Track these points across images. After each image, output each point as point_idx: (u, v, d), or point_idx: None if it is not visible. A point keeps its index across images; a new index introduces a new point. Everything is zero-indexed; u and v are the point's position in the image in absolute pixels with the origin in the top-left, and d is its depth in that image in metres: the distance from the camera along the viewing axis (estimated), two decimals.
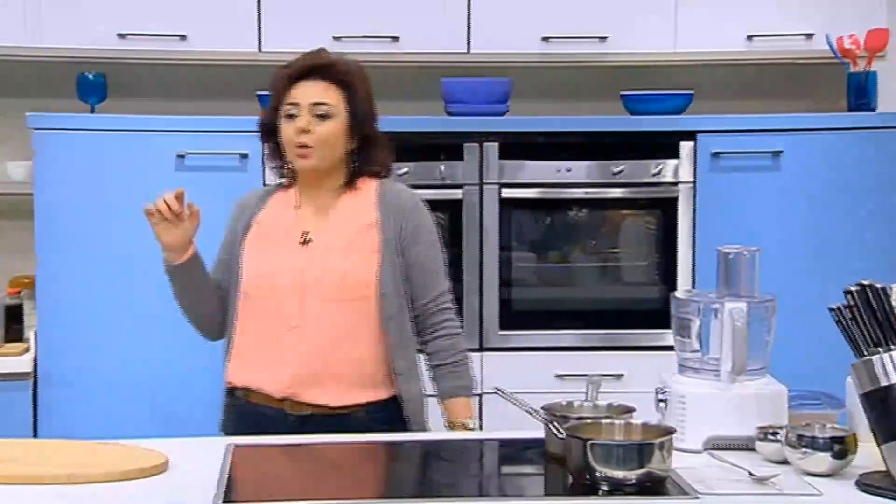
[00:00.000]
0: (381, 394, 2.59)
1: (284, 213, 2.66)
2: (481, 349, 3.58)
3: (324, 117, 2.58)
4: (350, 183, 2.65)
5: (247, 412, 2.58)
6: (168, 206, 2.56)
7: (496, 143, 3.57)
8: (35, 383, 3.40)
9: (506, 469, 2.42)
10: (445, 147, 3.56)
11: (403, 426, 2.59)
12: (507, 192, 3.58)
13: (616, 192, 3.63)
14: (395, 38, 3.64)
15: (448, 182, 3.55)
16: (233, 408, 2.62)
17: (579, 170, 3.61)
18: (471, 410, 2.66)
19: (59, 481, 2.01)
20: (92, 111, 3.59)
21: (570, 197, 3.63)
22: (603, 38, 3.69)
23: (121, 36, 3.52)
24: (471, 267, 3.57)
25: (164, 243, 2.60)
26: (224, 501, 1.92)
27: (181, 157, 3.41)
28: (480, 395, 3.55)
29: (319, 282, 2.56)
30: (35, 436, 3.30)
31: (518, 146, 3.58)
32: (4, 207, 3.75)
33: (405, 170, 3.51)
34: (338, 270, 2.57)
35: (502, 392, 2.35)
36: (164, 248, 2.61)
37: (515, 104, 3.69)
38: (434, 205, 3.51)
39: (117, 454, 2.15)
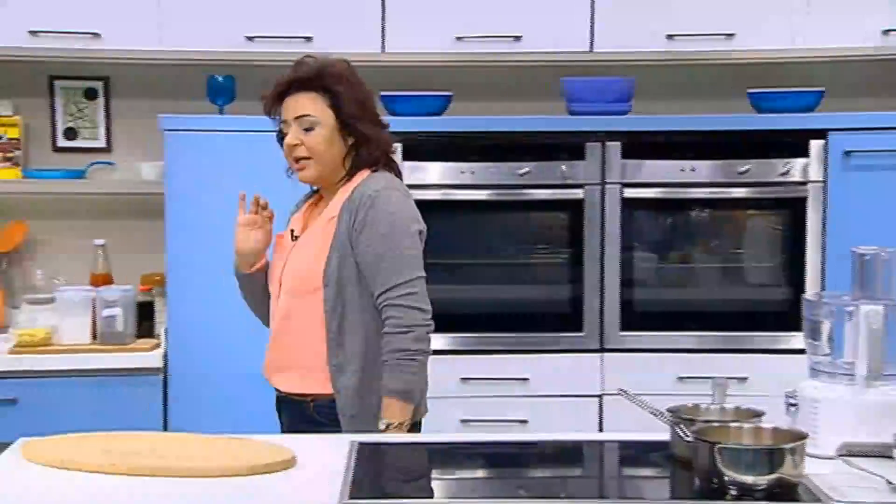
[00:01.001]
0: (324, 387, 2.60)
1: (301, 213, 2.77)
2: (601, 350, 3.55)
3: (309, 129, 2.63)
4: (348, 176, 2.67)
5: None
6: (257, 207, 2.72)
7: (618, 143, 3.53)
8: (165, 378, 3.48)
9: (627, 471, 2.38)
10: (567, 147, 3.53)
11: (336, 425, 2.57)
12: (629, 192, 3.54)
13: (741, 192, 3.56)
14: (518, 38, 3.63)
15: (569, 182, 3.53)
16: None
17: (703, 169, 3.55)
18: (393, 412, 2.53)
19: (187, 474, 2.05)
20: (220, 112, 3.66)
21: (693, 197, 3.57)
22: (730, 35, 3.62)
23: (249, 38, 3.58)
24: (591, 267, 3.54)
25: (238, 249, 2.73)
26: (350, 498, 1.93)
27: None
28: (601, 396, 3.54)
29: (287, 275, 2.67)
30: (165, 429, 3.37)
31: (641, 145, 3.54)
32: (137, 207, 3.86)
33: (526, 169, 3.50)
34: (296, 265, 2.66)
35: (627, 393, 2.32)
36: (238, 254, 2.74)
37: (638, 103, 3.65)
38: (555, 205, 3.56)
39: (245, 449, 2.18)
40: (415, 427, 2.60)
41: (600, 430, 3.48)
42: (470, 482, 2.26)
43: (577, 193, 3.53)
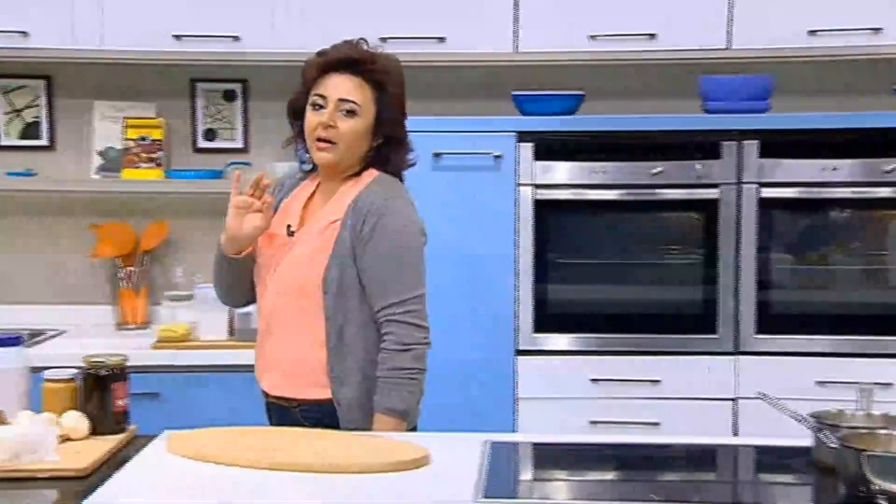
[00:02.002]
0: (316, 393, 2.51)
1: (296, 203, 2.63)
2: (736, 353, 3.47)
3: (350, 113, 2.52)
4: (357, 174, 2.58)
5: None
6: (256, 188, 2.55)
7: (756, 142, 3.45)
8: None
9: (764, 477, 2.32)
10: (702, 146, 3.47)
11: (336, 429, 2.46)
12: (767, 192, 3.46)
13: (885, 192, 3.44)
14: (653, 36, 3.58)
15: (704, 181, 3.46)
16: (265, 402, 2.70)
17: (845, 168, 3.44)
18: (385, 430, 2.43)
19: (325, 470, 2.07)
20: None
21: (833, 197, 3.47)
22: (876, 30, 3.50)
23: (382, 39, 3.61)
24: (726, 268, 3.47)
25: (230, 232, 2.55)
26: (485, 497, 1.94)
27: (437, 156, 3.47)
28: (735, 400, 3.46)
29: (280, 275, 2.55)
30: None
31: (779, 144, 3.45)
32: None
33: (659, 169, 3.45)
34: (291, 266, 2.54)
35: (767, 397, 2.26)
36: (227, 235, 2.56)
37: (777, 100, 3.56)
38: (689, 205, 3.50)
39: (380, 446, 2.20)
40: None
41: (735, 434, 3.41)
42: (600, 484, 2.24)
43: (712, 193, 3.47)
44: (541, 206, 3.48)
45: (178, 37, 3.63)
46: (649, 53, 3.61)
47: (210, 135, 4.05)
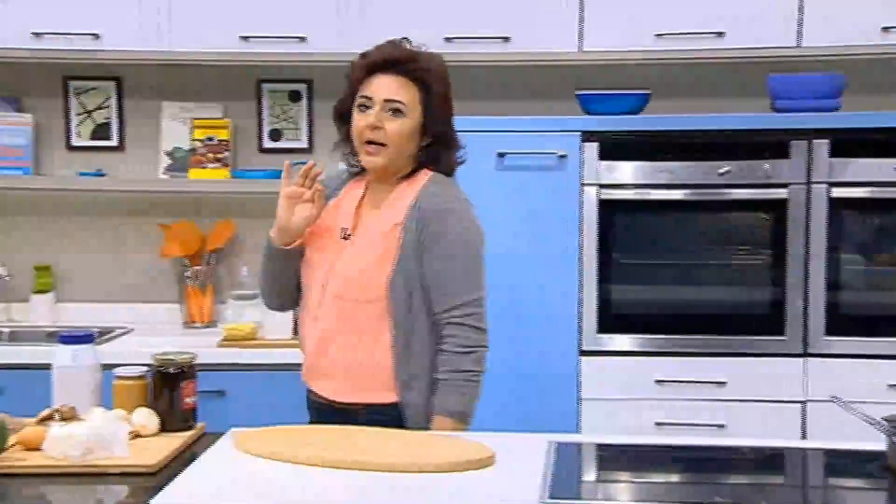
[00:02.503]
0: (383, 397, 2.49)
1: (347, 204, 2.60)
2: (805, 355, 3.42)
3: (396, 113, 2.50)
4: (409, 176, 2.56)
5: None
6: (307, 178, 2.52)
7: (826, 141, 3.39)
8: None
9: (834, 481, 2.29)
10: (771, 145, 3.42)
11: None
12: (837, 192, 3.40)
13: None
14: (721, 34, 3.54)
15: (773, 181, 3.42)
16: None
17: None
18: (441, 431, 2.43)
19: (390, 469, 2.07)
20: None
21: None
22: None
23: (447, 39, 3.63)
24: (795, 269, 3.42)
25: (281, 222, 2.54)
26: (550, 497, 1.93)
27: (501, 156, 3.47)
28: (804, 403, 3.41)
29: (338, 279, 2.51)
30: None
31: (850, 143, 3.39)
32: None
33: (726, 169, 3.41)
34: (353, 269, 2.51)
35: (840, 400, 2.22)
36: (278, 225, 2.55)
37: (848, 99, 3.50)
38: (756, 205, 3.45)
39: (445, 446, 2.20)
40: None
41: (803, 437, 3.36)
42: (665, 486, 2.22)
43: (781, 193, 3.42)
44: (605, 206, 3.46)
45: (244, 38, 3.67)
46: (717, 52, 3.57)
47: (275, 135, 4.08)
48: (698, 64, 3.72)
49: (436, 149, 2.56)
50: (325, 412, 2.56)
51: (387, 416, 2.48)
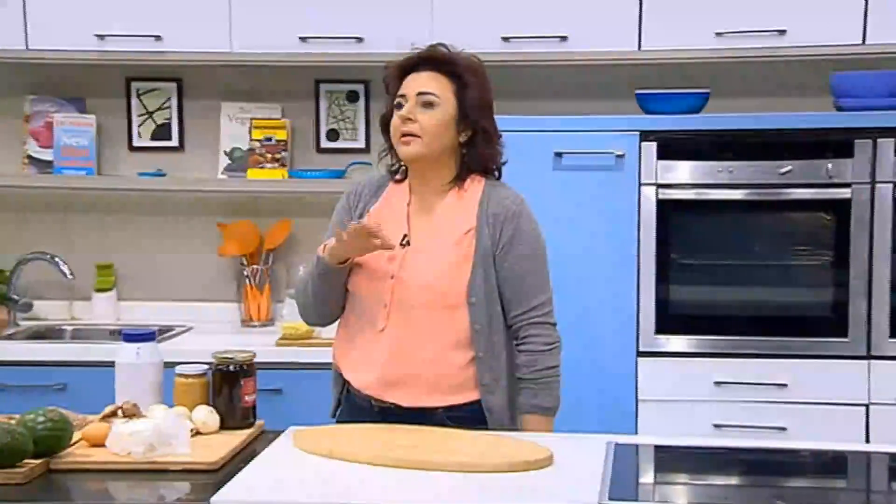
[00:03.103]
0: (463, 398, 2.49)
1: (394, 209, 2.58)
2: (868, 357, 3.37)
3: (428, 105, 2.51)
4: (458, 179, 2.56)
5: (348, 398, 2.61)
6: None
7: (892, 140, 3.33)
8: None
9: None
10: (834, 144, 3.37)
11: (485, 429, 2.47)
12: None
13: None
14: (782, 32, 3.50)
15: (835, 181, 3.36)
16: (339, 392, 2.64)
17: None
18: (545, 428, 2.50)
19: (448, 469, 2.08)
20: None
21: None
22: None
23: (505, 39, 3.62)
24: (858, 270, 3.36)
25: (336, 251, 2.49)
26: (610, 499, 1.92)
27: (558, 156, 3.46)
28: (868, 406, 3.36)
29: (410, 287, 2.49)
30: None
31: None
32: None
33: (788, 168, 3.37)
34: (429, 277, 2.49)
35: None
36: (336, 245, 2.49)
37: None
38: (818, 205, 3.41)
39: (504, 446, 2.20)
40: None
41: (867, 441, 3.31)
42: (724, 489, 2.20)
43: (844, 193, 3.37)
44: (664, 206, 3.44)
45: (303, 38, 3.69)
46: (779, 50, 3.53)
47: (333, 135, 4.10)
48: (759, 62, 3.68)
49: (476, 144, 2.56)
50: (395, 417, 2.50)
51: (466, 411, 2.49)
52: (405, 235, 2.55)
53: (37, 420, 2.11)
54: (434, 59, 2.56)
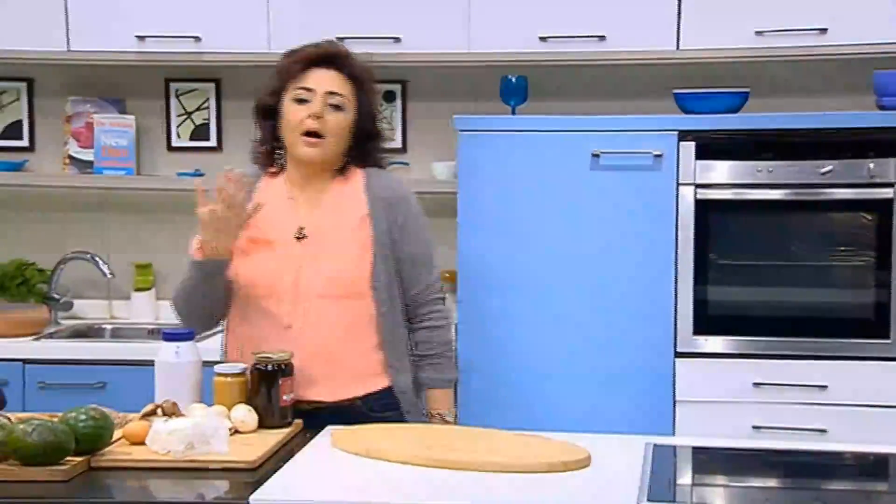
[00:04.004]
0: (376, 384, 2.56)
1: (278, 203, 2.58)
2: None
3: (337, 108, 2.56)
4: (339, 172, 2.62)
5: None
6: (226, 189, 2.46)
7: None
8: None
9: None
10: (876, 143, 3.32)
11: (400, 415, 2.57)
12: None
13: None
14: (823, 31, 3.47)
15: (877, 181, 3.32)
16: None
17: None
18: (448, 402, 2.66)
19: (485, 469, 2.08)
20: (513, 113, 3.71)
21: None
22: None
23: (542, 39, 3.61)
24: None
25: (210, 243, 2.50)
26: (648, 500, 1.91)
27: (596, 156, 3.44)
28: None
29: (315, 279, 2.52)
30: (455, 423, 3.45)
31: None
32: (430, 205, 3.93)
33: (828, 168, 3.34)
34: (333, 268, 2.54)
35: None
36: (209, 237, 2.50)
37: None
38: (860, 205, 3.37)
39: (541, 447, 2.20)
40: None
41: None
42: (763, 491, 2.19)
43: (886, 193, 3.32)
44: (702, 206, 3.41)
45: (341, 38, 3.69)
46: (820, 49, 3.49)
47: None
48: (799, 61, 3.65)
49: (365, 144, 2.63)
50: (315, 416, 2.47)
51: (383, 399, 2.58)
52: (301, 228, 2.57)
53: (78, 418, 2.13)
54: (338, 58, 2.61)
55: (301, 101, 2.55)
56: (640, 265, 3.42)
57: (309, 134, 2.53)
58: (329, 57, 2.60)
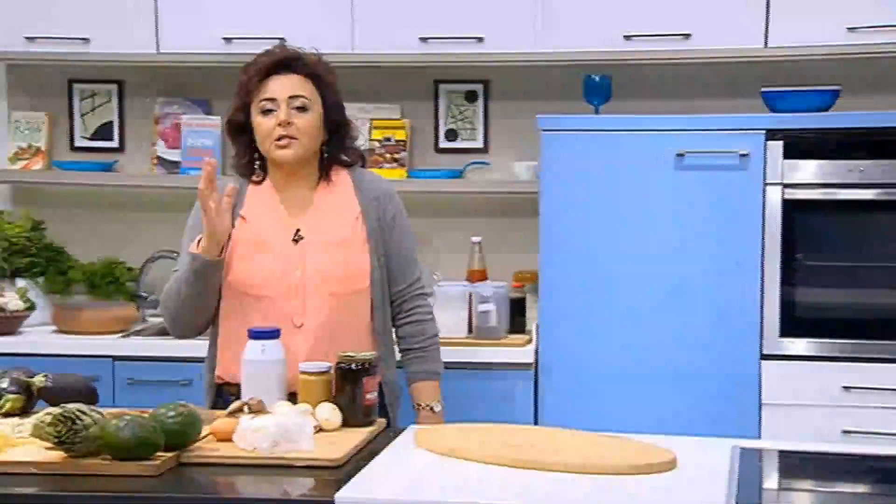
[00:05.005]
0: None
1: (268, 209, 2.65)
2: None
3: (302, 109, 2.62)
4: (324, 174, 2.69)
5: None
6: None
7: None
8: (536, 373, 3.53)
9: None
10: None
11: (384, 411, 2.61)
12: None
13: None
14: None
15: None
16: (225, 403, 2.52)
17: None
18: (437, 394, 2.72)
19: (569, 470, 2.07)
20: (596, 112, 3.69)
21: None
22: None
23: (626, 37, 3.58)
24: None
25: (216, 228, 2.53)
26: (737, 503, 1.89)
27: (680, 156, 3.40)
28: None
29: (319, 279, 2.60)
30: (535, 424, 3.44)
31: None
32: (511, 205, 3.97)
33: None
34: (336, 266, 2.62)
35: None
36: (210, 237, 2.53)
37: None
38: None
39: (626, 448, 2.18)
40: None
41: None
42: (852, 497, 2.14)
43: None
44: (789, 206, 3.36)
45: (423, 39, 3.71)
46: None
47: (451, 135, 4.12)
48: (893, 57, 3.56)
49: (338, 140, 2.71)
50: None
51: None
52: (297, 230, 2.65)
53: (167, 414, 2.17)
54: (292, 61, 2.66)
55: (267, 111, 2.63)
56: (725, 266, 3.38)
57: (281, 137, 2.62)
58: (283, 62, 2.67)
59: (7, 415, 2.43)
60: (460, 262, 3.87)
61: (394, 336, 2.78)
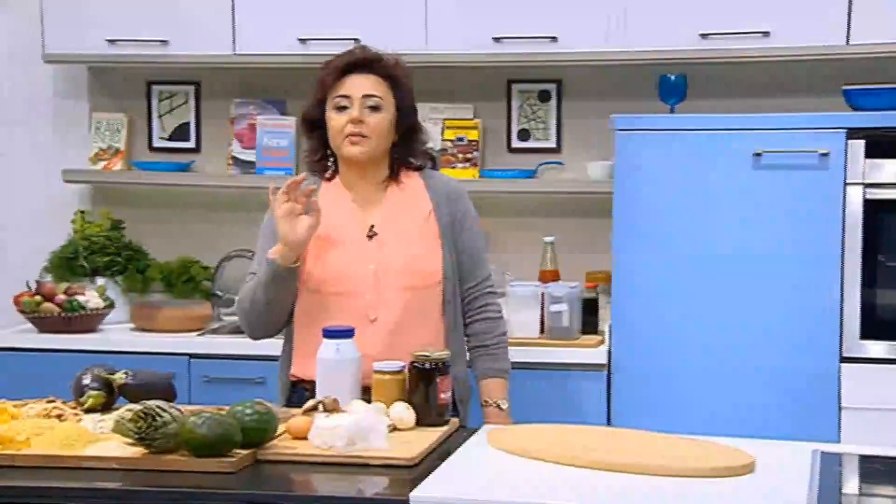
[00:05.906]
0: None
1: (340, 205, 2.67)
2: None
3: (375, 109, 2.66)
4: (394, 175, 2.73)
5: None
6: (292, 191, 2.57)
7: None
8: (609, 374, 3.50)
9: None
10: None
11: (455, 407, 2.63)
12: None
13: None
14: None
15: None
16: (299, 401, 2.55)
17: None
18: (504, 392, 2.74)
19: (646, 472, 2.05)
20: (671, 111, 3.65)
21: None
22: None
23: (703, 36, 3.54)
24: None
25: (288, 240, 2.56)
26: None
27: (757, 155, 3.35)
28: None
29: (393, 273, 2.64)
30: (608, 425, 3.42)
31: None
32: (584, 205, 3.94)
33: None
34: (410, 260, 2.67)
35: None
36: (286, 245, 2.57)
37: None
38: None
39: (704, 450, 2.16)
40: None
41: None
42: None
43: None
44: (871, 207, 3.29)
45: (497, 39, 3.71)
46: None
47: (524, 135, 4.10)
48: None
49: (408, 142, 2.75)
50: None
51: None
52: (371, 227, 2.69)
53: (245, 412, 2.19)
54: (370, 62, 2.72)
55: (341, 108, 2.68)
56: (804, 267, 3.32)
57: (353, 134, 2.67)
58: (361, 62, 2.72)
59: (89, 411, 2.48)
60: (532, 263, 3.85)
61: (462, 331, 2.80)
